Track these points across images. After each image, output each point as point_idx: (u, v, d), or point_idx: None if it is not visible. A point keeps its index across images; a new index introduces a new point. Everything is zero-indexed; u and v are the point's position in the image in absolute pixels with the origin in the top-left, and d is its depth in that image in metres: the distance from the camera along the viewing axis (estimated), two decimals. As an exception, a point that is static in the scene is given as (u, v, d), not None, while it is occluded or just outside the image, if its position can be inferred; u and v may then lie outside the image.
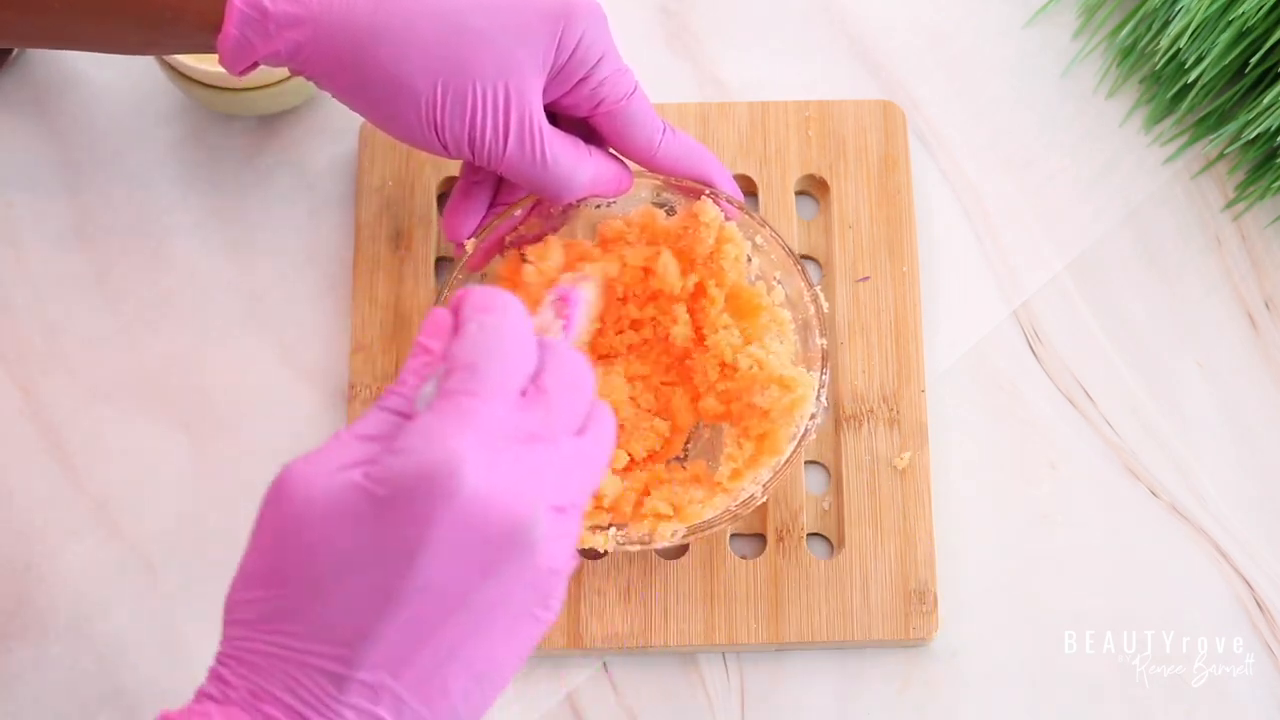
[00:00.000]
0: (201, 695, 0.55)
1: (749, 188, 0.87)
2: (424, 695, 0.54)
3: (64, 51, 0.90)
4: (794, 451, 0.76)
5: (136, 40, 0.71)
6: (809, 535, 0.82)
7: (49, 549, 0.82)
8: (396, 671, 0.53)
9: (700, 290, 0.79)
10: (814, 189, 0.88)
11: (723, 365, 0.78)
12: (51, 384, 0.85)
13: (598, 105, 0.73)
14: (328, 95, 0.89)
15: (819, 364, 0.77)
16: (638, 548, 0.75)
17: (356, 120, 0.89)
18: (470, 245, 0.78)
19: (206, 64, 0.84)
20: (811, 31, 0.92)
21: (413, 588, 0.52)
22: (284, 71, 0.84)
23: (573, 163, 0.73)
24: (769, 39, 0.91)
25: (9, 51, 0.89)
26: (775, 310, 0.79)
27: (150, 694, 0.80)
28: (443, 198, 0.88)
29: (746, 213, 0.78)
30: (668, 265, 0.78)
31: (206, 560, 0.82)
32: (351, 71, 0.69)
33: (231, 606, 0.55)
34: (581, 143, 0.74)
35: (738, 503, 0.75)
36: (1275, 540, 0.83)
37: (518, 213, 0.78)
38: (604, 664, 0.81)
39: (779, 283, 0.79)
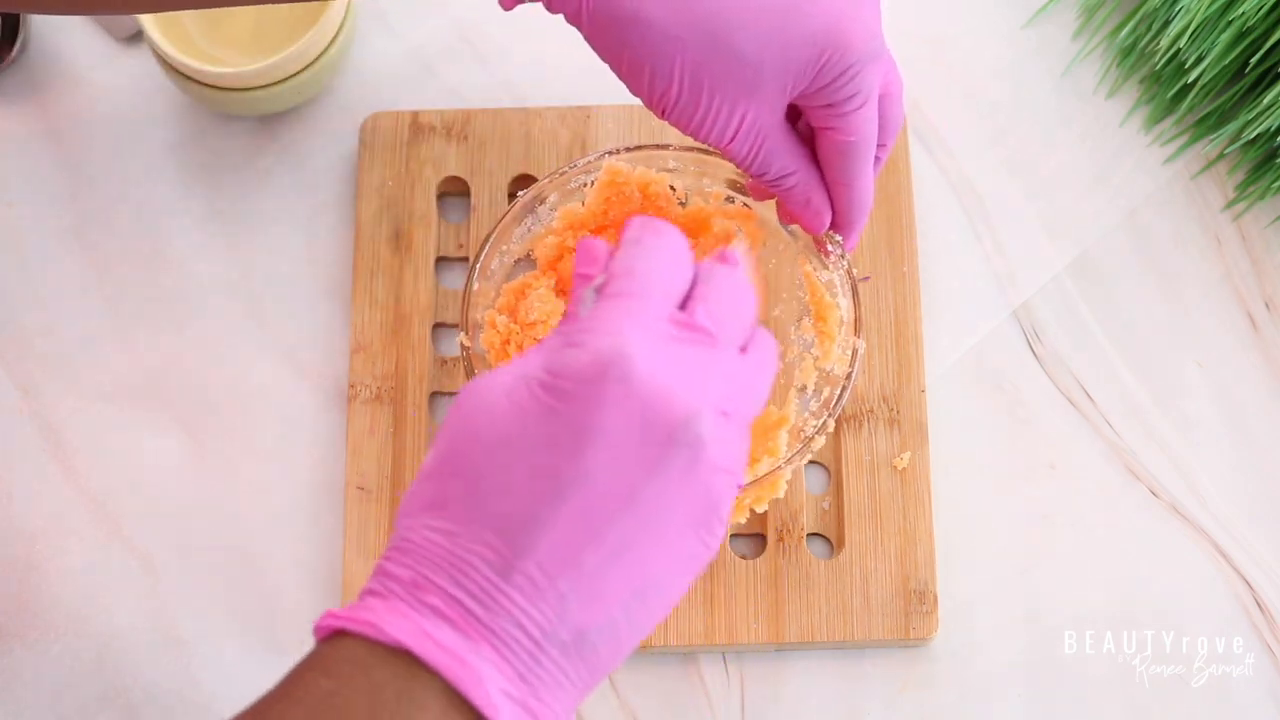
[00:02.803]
0: (365, 592, 0.54)
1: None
2: (585, 597, 0.52)
3: (64, 51, 0.90)
4: (846, 381, 0.76)
5: None
6: (809, 535, 0.82)
7: (49, 549, 0.82)
8: (559, 567, 0.52)
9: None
10: (814, 189, 0.88)
11: None
12: (51, 384, 0.85)
13: (824, 127, 0.70)
14: (327, 95, 0.89)
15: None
16: None
17: (357, 120, 0.89)
18: None
19: (207, 64, 0.84)
20: (811, 31, 0.92)
21: (579, 474, 0.52)
22: (284, 71, 0.84)
23: (785, 171, 0.71)
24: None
25: (9, 51, 0.89)
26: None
27: (150, 694, 0.80)
28: (442, 197, 0.88)
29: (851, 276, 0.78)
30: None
31: (206, 560, 0.82)
32: (604, 45, 0.68)
33: (404, 503, 0.54)
34: (804, 160, 0.71)
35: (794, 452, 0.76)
36: (1275, 540, 0.83)
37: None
38: (604, 664, 0.81)
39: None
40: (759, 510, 0.78)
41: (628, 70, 0.68)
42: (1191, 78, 0.87)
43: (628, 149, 0.79)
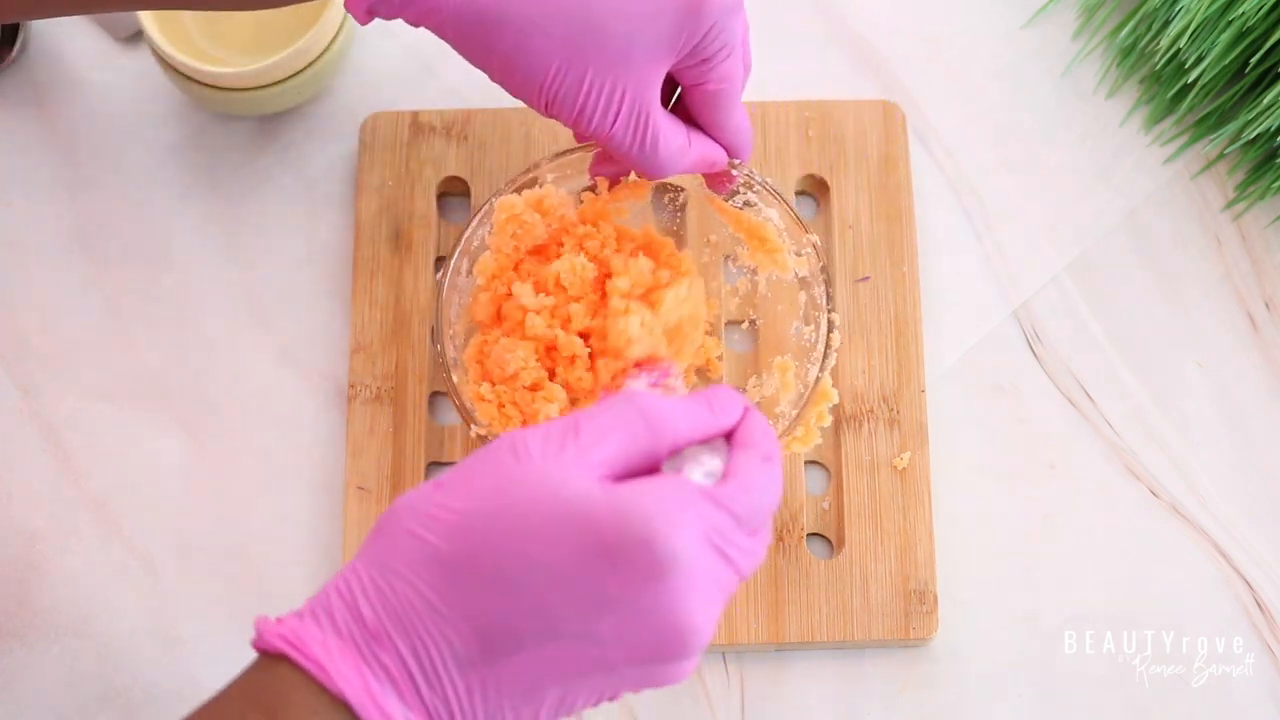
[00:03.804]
0: (321, 615, 0.54)
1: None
2: (520, 712, 0.55)
3: (64, 51, 0.90)
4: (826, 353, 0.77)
5: None
6: (809, 535, 0.82)
7: (49, 549, 0.82)
8: (515, 687, 0.54)
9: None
10: (814, 189, 0.88)
11: None
12: (51, 384, 0.85)
13: (697, 84, 0.72)
14: (328, 95, 0.90)
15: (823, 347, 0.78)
16: None
17: (357, 120, 0.89)
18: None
19: (207, 64, 0.84)
20: (811, 31, 0.92)
21: (581, 634, 0.53)
22: (284, 71, 0.84)
23: (673, 153, 0.73)
24: (769, 39, 0.91)
25: (9, 51, 0.89)
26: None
27: (150, 694, 0.80)
28: (442, 197, 0.88)
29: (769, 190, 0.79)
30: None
31: (206, 560, 0.82)
32: (474, 48, 0.69)
33: (401, 533, 0.54)
34: (684, 129, 0.74)
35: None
36: (1275, 540, 0.83)
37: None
38: (604, 664, 0.81)
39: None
40: (824, 425, 0.78)
41: (501, 71, 0.69)
42: (1191, 78, 0.87)
43: (508, 183, 0.79)
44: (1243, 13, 0.85)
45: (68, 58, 0.91)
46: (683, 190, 0.84)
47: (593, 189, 0.79)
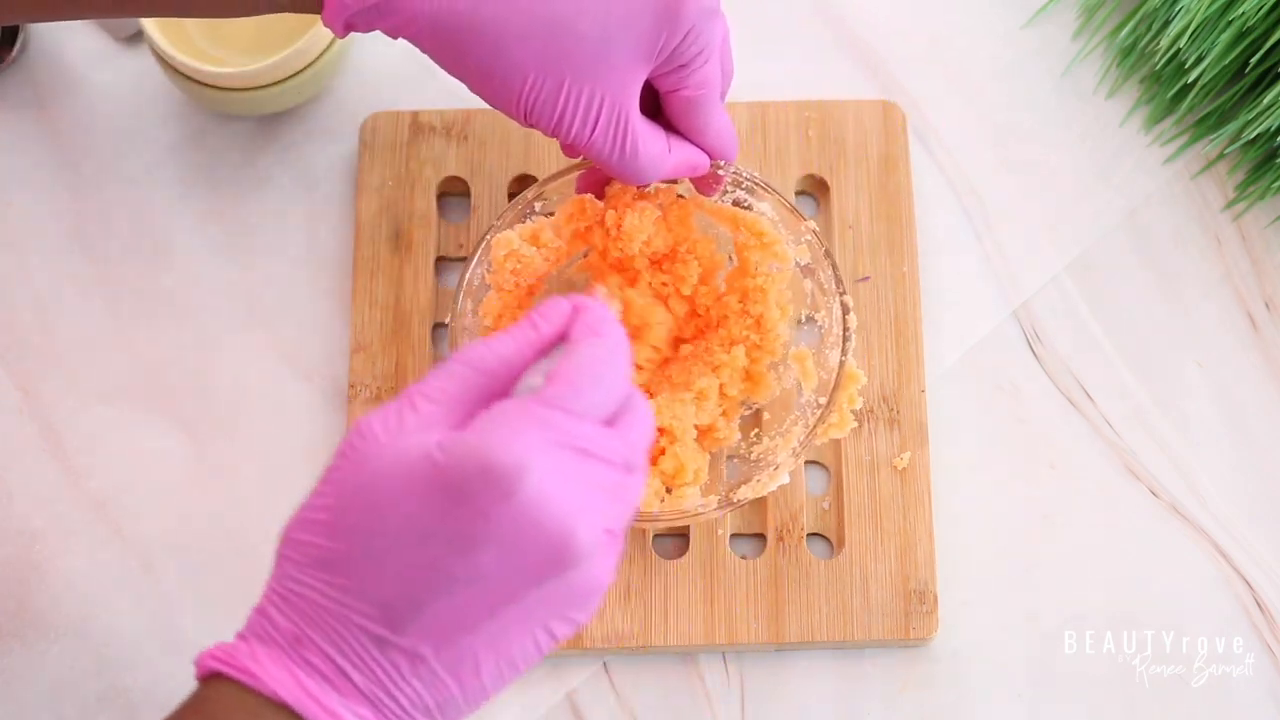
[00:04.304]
0: (247, 635, 0.56)
1: (749, 188, 0.87)
2: (457, 674, 0.56)
3: (64, 51, 0.90)
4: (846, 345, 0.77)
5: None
6: (809, 535, 0.82)
7: (49, 549, 0.82)
8: (436, 647, 0.55)
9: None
10: (814, 189, 0.88)
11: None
12: (51, 384, 0.85)
13: (675, 90, 0.72)
14: (328, 95, 0.90)
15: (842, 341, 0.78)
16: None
17: (357, 120, 0.89)
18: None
19: (207, 64, 0.84)
20: (811, 31, 0.92)
21: (467, 574, 0.54)
22: (284, 71, 0.84)
23: (654, 159, 0.72)
24: (769, 39, 0.92)
25: (9, 51, 0.89)
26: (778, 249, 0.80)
27: (150, 694, 0.80)
28: (442, 197, 0.88)
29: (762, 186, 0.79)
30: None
31: (206, 560, 0.82)
32: (451, 57, 0.69)
33: (289, 544, 0.57)
34: (663, 135, 0.73)
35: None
36: (1275, 540, 0.83)
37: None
38: (604, 664, 0.81)
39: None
40: (856, 408, 0.78)
41: (478, 80, 0.69)
42: (1191, 78, 0.87)
43: (498, 219, 0.78)
44: (1243, 13, 0.85)
45: (68, 58, 0.91)
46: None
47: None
